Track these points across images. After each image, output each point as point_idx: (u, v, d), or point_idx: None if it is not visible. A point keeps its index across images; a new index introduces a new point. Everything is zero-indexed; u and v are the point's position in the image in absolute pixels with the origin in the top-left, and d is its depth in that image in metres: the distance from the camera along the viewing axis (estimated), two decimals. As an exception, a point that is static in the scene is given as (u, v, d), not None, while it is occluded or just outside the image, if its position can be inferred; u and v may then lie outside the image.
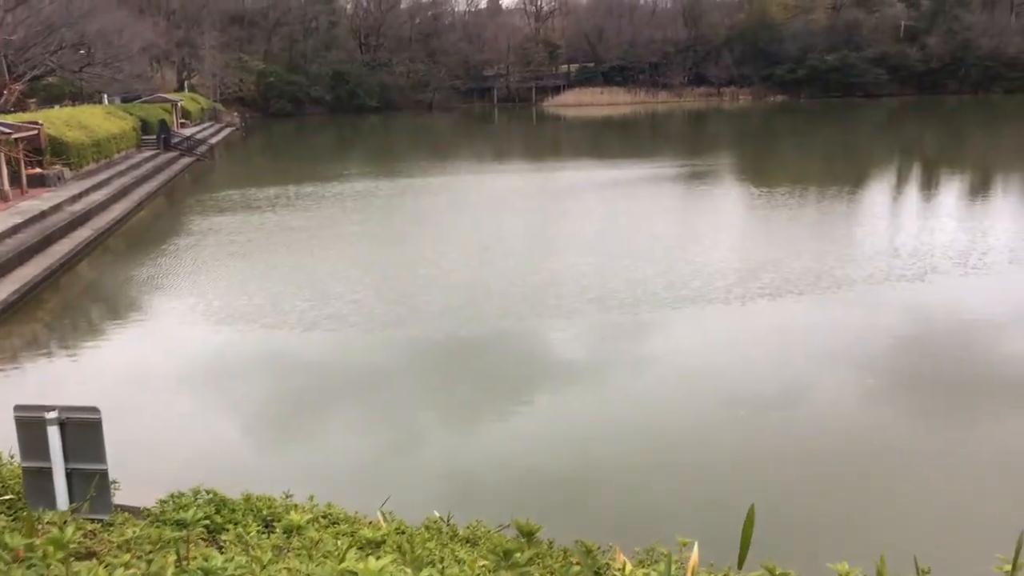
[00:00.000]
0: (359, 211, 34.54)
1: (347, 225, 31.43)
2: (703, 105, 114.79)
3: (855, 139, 69.50)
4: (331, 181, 43.94)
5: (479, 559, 4.32)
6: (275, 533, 5.23)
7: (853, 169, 48.18)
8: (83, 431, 5.81)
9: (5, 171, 30.95)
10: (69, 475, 5.82)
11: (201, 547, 4.99)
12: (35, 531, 3.99)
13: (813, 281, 20.74)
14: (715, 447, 12.16)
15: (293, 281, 22.56)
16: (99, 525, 5.45)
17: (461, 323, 18.33)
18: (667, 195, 37.67)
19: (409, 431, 13.16)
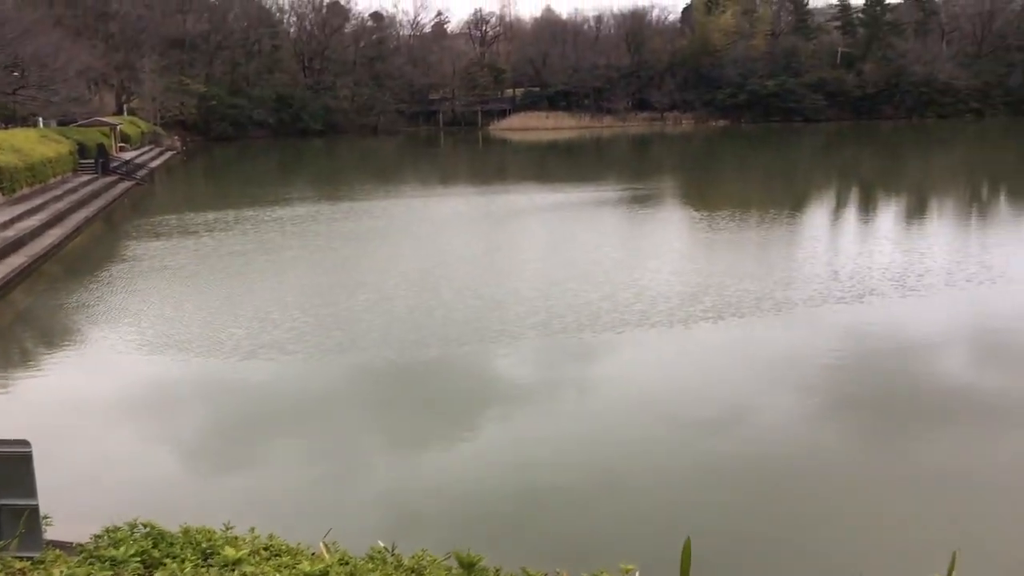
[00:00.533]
0: (299, 235, 34.19)
1: (286, 250, 31.08)
2: (647, 129, 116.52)
3: (794, 163, 71.13)
4: (272, 205, 43.49)
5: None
6: (213, 568, 5.09)
7: (792, 193, 49.27)
8: (12, 465, 5.58)
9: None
10: (-3, 511, 5.61)
11: (136, 584, 4.84)
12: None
13: (754, 304, 21.04)
14: (658, 470, 12.22)
15: (230, 307, 22.21)
16: (29, 563, 5.25)
17: (403, 349, 18.15)
18: (610, 219, 38.01)
19: (351, 459, 12.99)
